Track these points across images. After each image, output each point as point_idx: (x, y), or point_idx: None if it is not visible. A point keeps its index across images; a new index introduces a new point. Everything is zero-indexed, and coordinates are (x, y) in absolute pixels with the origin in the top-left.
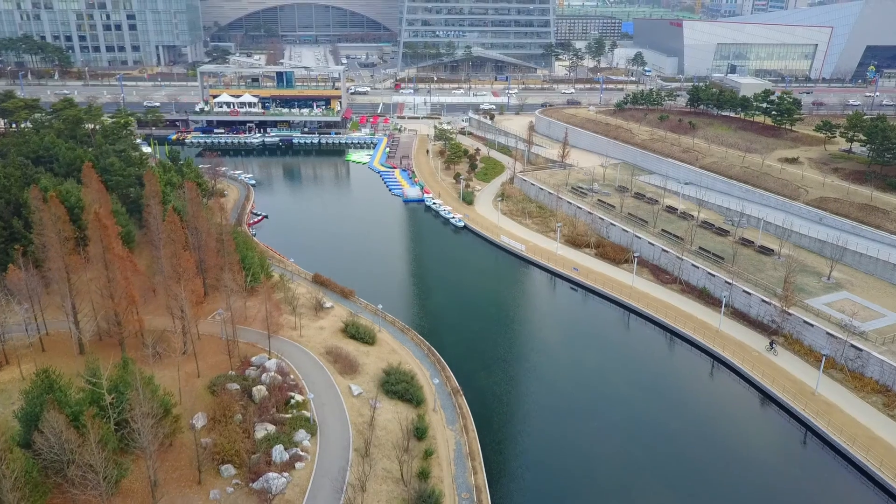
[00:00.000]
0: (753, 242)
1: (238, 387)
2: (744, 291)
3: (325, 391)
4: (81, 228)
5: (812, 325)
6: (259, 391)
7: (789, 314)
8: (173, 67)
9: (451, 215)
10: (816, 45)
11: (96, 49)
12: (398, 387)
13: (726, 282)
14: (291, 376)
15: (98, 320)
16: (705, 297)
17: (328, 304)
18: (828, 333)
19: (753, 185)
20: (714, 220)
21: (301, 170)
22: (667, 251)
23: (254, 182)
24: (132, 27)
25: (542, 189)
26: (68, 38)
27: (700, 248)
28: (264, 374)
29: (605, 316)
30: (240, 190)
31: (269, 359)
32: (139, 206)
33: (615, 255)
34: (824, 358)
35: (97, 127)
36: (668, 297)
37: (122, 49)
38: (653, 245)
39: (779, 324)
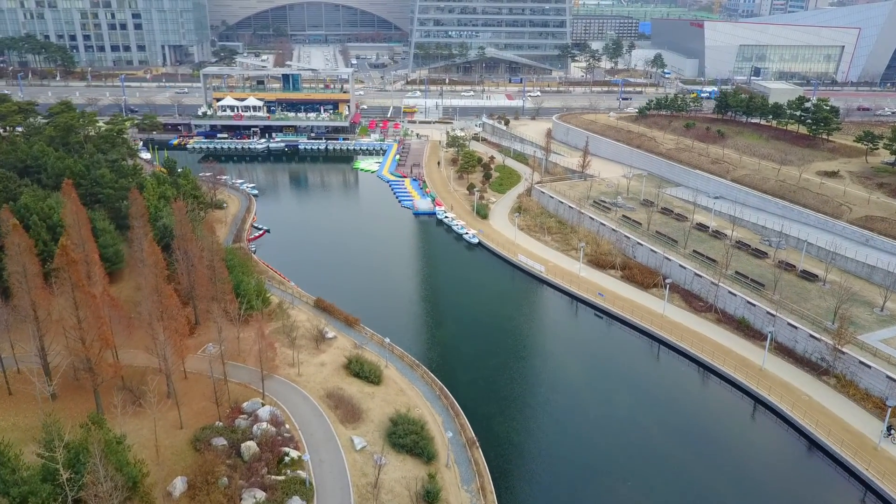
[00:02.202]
0: (795, 266)
1: (225, 442)
2: (789, 324)
3: (324, 444)
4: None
5: (869, 367)
6: (248, 448)
7: (843, 353)
8: (178, 68)
9: (465, 230)
10: (843, 46)
11: (101, 49)
12: (406, 439)
13: (768, 313)
14: (287, 426)
15: (73, 360)
16: (745, 329)
17: (330, 335)
18: (888, 377)
19: (791, 200)
20: (749, 240)
21: (306, 178)
22: (700, 275)
23: (256, 192)
24: (137, 26)
25: (561, 202)
26: (72, 38)
27: (737, 272)
28: (256, 425)
29: (635, 348)
30: (241, 201)
31: (263, 405)
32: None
33: (643, 278)
34: (889, 408)
35: (92, 133)
36: (702, 328)
37: (127, 49)
38: (684, 268)
39: (830, 363)
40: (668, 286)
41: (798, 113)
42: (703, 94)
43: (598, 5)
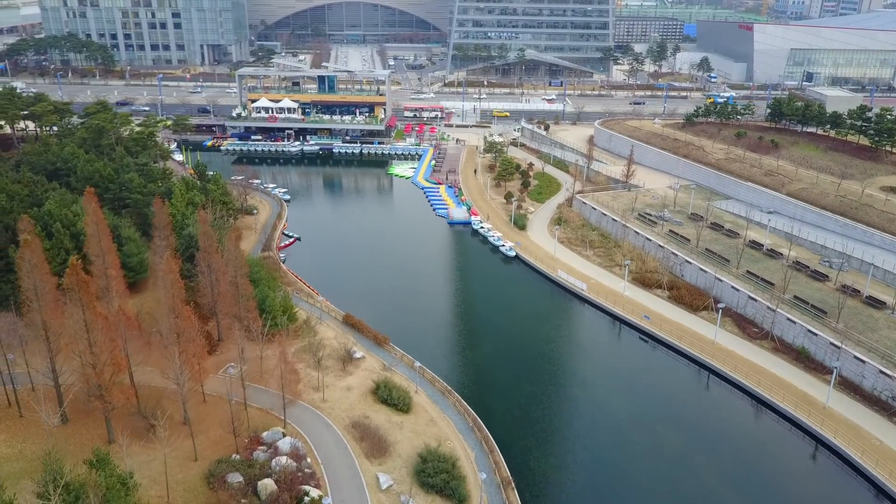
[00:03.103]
0: (860, 292)
1: (241, 478)
2: (855, 357)
3: (348, 483)
4: (87, 259)
5: None
6: (266, 487)
7: None
8: (216, 68)
9: (501, 242)
10: None
11: (141, 48)
12: (436, 478)
13: (832, 343)
14: (308, 460)
15: (84, 385)
16: (804, 360)
17: (358, 355)
18: None
19: (853, 218)
20: (807, 260)
21: (339, 183)
22: (755, 299)
23: (288, 197)
24: (177, 25)
25: (604, 214)
26: (113, 37)
27: (795, 297)
28: (275, 459)
29: (683, 377)
30: (272, 206)
31: (284, 436)
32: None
33: (692, 299)
34: None
35: (127, 133)
36: (757, 358)
37: (166, 48)
38: (737, 290)
39: None
40: (720, 311)
41: (859, 123)
42: (719, 101)
43: (642, 6)
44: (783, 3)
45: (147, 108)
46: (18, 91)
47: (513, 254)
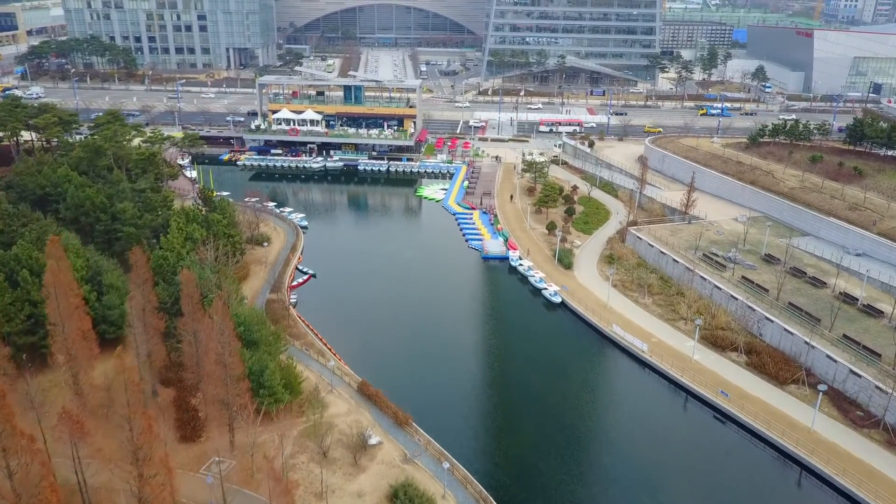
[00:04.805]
0: None
1: None
2: None
3: None
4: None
5: None
6: None
7: None
8: (241, 72)
9: (545, 285)
10: None
11: (165, 51)
12: None
13: None
14: None
15: None
16: None
17: (374, 440)
18: None
19: None
20: None
21: (363, 206)
22: (858, 374)
23: (305, 224)
24: (202, 28)
25: (663, 253)
26: (137, 39)
27: None
28: None
29: (776, 479)
30: (287, 235)
31: None
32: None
33: (776, 369)
34: None
35: (136, 142)
36: (867, 454)
37: (191, 51)
38: (834, 361)
39: None
40: (820, 394)
41: None
42: (712, 112)
43: (686, 9)
44: (834, 7)
45: (242, 119)
46: (35, 96)
47: (558, 300)
